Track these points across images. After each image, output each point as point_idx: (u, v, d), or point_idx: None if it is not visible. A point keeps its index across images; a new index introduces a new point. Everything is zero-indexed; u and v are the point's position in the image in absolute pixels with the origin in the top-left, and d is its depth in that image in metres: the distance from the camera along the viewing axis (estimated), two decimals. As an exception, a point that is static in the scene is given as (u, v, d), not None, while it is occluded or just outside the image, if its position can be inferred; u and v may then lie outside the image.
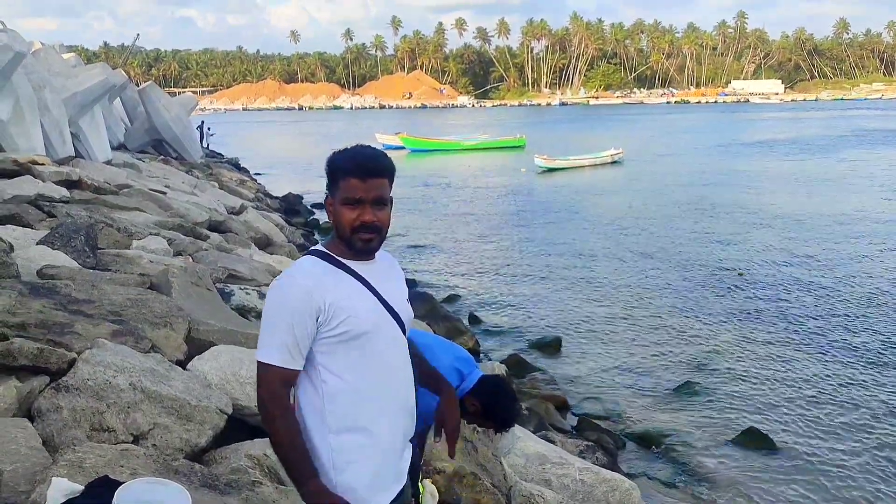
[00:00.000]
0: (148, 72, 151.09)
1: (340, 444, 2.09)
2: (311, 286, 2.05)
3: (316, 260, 2.14)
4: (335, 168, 2.13)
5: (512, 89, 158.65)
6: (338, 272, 2.11)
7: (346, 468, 2.08)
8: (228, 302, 6.24)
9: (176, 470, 2.97)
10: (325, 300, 2.04)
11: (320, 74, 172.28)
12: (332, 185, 2.14)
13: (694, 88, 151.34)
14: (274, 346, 2.04)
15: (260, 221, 13.63)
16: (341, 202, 2.11)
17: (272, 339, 2.04)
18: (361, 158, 2.12)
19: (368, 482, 2.11)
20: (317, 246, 2.22)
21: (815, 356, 9.30)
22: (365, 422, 2.11)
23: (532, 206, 22.47)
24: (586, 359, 9.45)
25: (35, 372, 3.50)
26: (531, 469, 5.21)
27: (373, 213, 2.10)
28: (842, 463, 6.68)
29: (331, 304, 2.05)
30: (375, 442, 2.13)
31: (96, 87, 16.04)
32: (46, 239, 6.31)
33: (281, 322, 2.04)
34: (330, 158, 2.16)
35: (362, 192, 2.08)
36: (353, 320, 2.08)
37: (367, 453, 2.11)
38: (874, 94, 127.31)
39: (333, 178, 2.14)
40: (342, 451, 2.09)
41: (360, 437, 2.10)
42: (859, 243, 15.79)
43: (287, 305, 2.04)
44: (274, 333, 2.04)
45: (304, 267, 2.14)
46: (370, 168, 2.10)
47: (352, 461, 2.09)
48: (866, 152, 36.16)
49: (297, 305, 2.03)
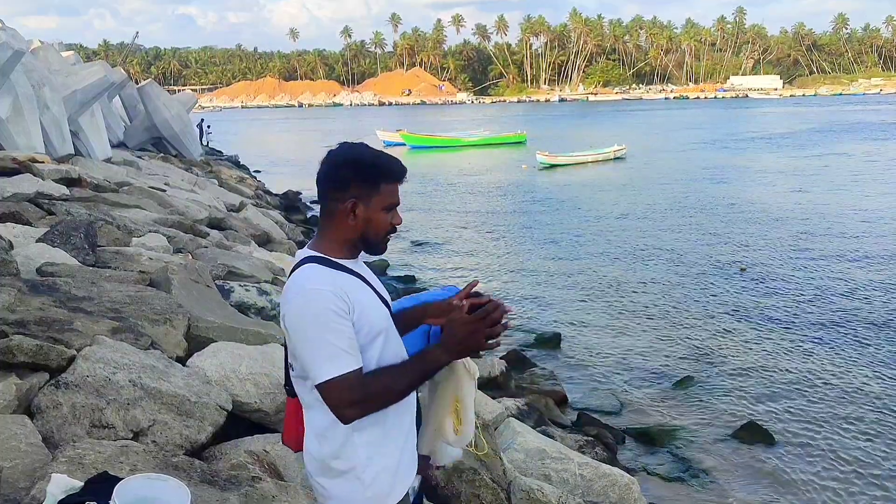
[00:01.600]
0: (147, 70, 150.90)
1: (365, 441, 2.08)
2: (332, 289, 2.00)
3: (319, 266, 2.08)
4: (375, 173, 2.09)
5: (511, 86, 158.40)
6: (342, 275, 2.08)
7: (371, 464, 2.08)
8: (228, 299, 6.24)
9: (176, 466, 2.98)
10: (349, 300, 2.01)
11: (320, 72, 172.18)
12: (370, 188, 2.08)
13: (692, 84, 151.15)
14: (334, 355, 1.97)
15: (259, 219, 13.64)
16: (384, 207, 2.10)
17: (328, 350, 1.97)
18: (395, 163, 2.13)
19: (392, 474, 2.12)
20: (307, 252, 2.14)
21: (814, 351, 9.31)
22: (387, 416, 2.10)
23: (533, 203, 22.46)
24: (586, 354, 9.46)
25: (34, 369, 3.51)
26: (531, 464, 5.22)
27: (399, 215, 2.17)
28: (842, 456, 6.69)
29: (356, 303, 2.02)
30: (397, 434, 2.15)
31: (96, 85, 16.03)
32: (46, 237, 6.32)
33: (327, 331, 1.96)
34: (360, 162, 2.10)
35: (399, 197, 2.14)
36: (373, 319, 2.07)
37: (386, 446, 2.12)
38: (873, 89, 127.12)
39: (370, 183, 2.08)
40: (367, 447, 2.09)
41: (381, 432, 2.11)
42: (861, 237, 15.80)
43: (323, 312, 1.97)
44: (327, 343, 1.97)
45: (316, 275, 2.05)
46: (404, 172, 2.14)
47: (373, 456, 2.09)
48: (866, 145, 36.13)
49: (330, 310, 1.97)
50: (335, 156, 2.13)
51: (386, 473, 2.11)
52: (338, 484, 2.09)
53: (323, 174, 2.13)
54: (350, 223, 2.10)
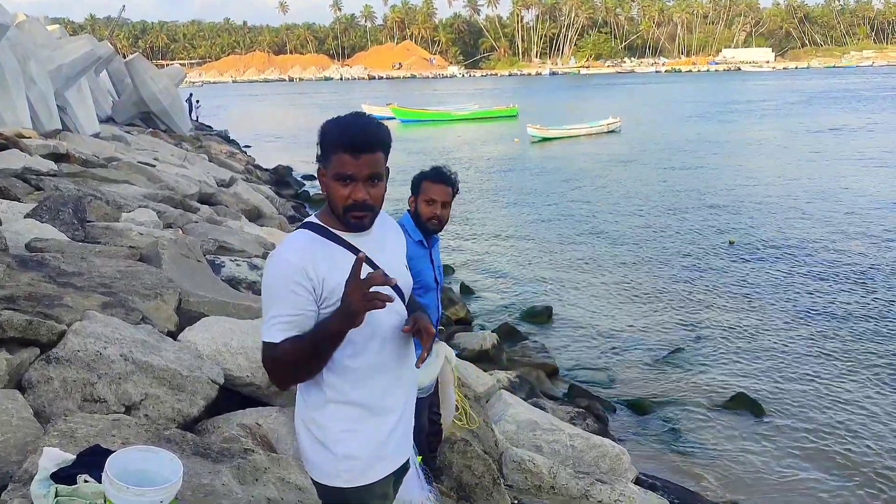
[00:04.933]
0: (135, 44, 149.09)
1: (340, 415, 2.07)
2: (299, 261, 1.98)
3: (309, 234, 2.06)
4: (327, 141, 2.02)
5: (502, 59, 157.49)
6: (331, 245, 2.04)
7: (345, 438, 2.07)
8: (219, 273, 6.23)
9: (168, 439, 2.98)
10: (317, 275, 1.97)
11: (310, 45, 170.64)
12: (324, 158, 2.04)
13: (684, 57, 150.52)
14: (275, 324, 1.98)
15: (250, 193, 13.58)
16: (333, 177, 2.01)
17: (272, 317, 1.99)
18: (354, 131, 1.99)
19: (370, 452, 2.09)
20: (310, 218, 2.14)
21: (804, 323, 9.38)
22: (364, 393, 2.08)
23: (524, 177, 22.42)
24: (577, 327, 9.50)
25: (25, 344, 3.50)
26: (522, 435, 5.26)
27: (365, 190, 2.00)
28: (831, 427, 6.77)
29: (325, 280, 1.98)
30: (376, 413, 2.11)
31: (82, 59, 15.86)
32: (34, 212, 6.28)
33: (276, 299, 1.98)
34: (322, 128, 2.05)
35: (354, 169, 1.98)
36: None
37: (367, 424, 2.09)
38: (865, 62, 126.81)
39: (325, 151, 2.03)
40: (341, 421, 2.07)
41: (359, 409, 2.08)
42: (851, 210, 15.84)
43: (279, 281, 1.98)
44: (272, 311, 1.99)
45: (293, 243, 2.06)
46: (363, 143, 1.99)
47: (351, 430, 2.07)
48: (858, 117, 36.09)
49: (288, 280, 1.96)
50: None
51: (362, 451, 2.08)
52: (315, 449, 2.10)
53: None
54: (323, 191, 2.08)
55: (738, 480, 5.98)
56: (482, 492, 4.05)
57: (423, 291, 3.33)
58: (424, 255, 3.42)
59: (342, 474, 2.07)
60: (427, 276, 3.39)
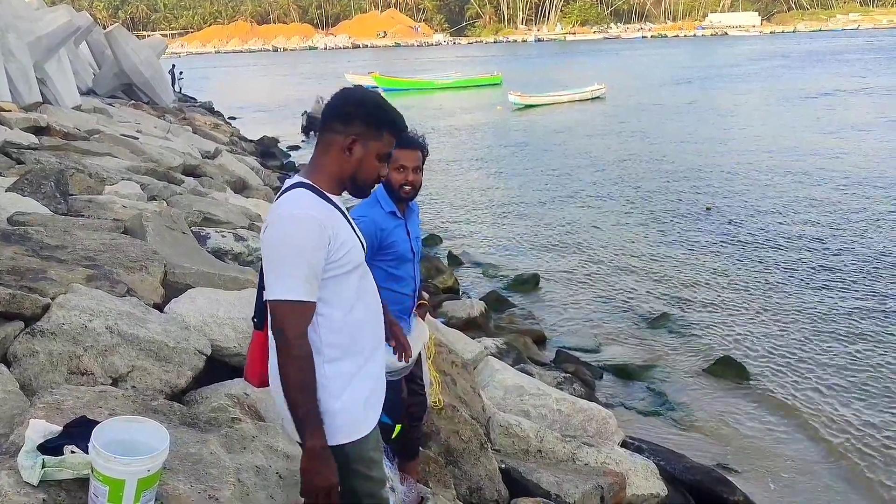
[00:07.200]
0: (114, 15, 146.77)
1: (336, 372, 2.13)
2: (322, 219, 2.04)
3: (308, 192, 2.12)
4: (388, 120, 2.18)
5: (488, 26, 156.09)
6: (328, 205, 2.12)
7: (341, 394, 2.13)
8: (205, 245, 6.20)
9: (155, 409, 2.99)
10: (333, 232, 2.06)
11: (293, 14, 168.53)
12: (373, 132, 2.14)
13: (671, 22, 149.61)
14: (300, 281, 2.01)
15: (235, 165, 13.48)
16: (379, 155, 2.17)
17: (296, 274, 2.01)
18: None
19: (363, 404, 2.19)
20: (299, 179, 2.17)
21: (785, 286, 9.46)
22: (360, 348, 2.18)
23: (507, 145, 22.35)
24: (564, 295, 9.55)
25: (9, 318, 3.48)
26: (509, 400, 5.31)
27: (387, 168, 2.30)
28: (815, 390, 6.86)
29: (336, 236, 2.06)
30: (369, 366, 2.21)
31: (61, 30, 15.62)
32: (16, 186, 6.21)
33: (300, 258, 2.01)
34: (381, 105, 2.18)
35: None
36: (354, 252, 2.13)
37: (360, 377, 2.18)
38: (851, 25, 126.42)
39: (378, 127, 2.15)
40: (338, 378, 2.13)
41: (354, 364, 2.17)
42: (829, 173, 15.90)
43: (305, 239, 2.02)
44: (298, 268, 2.01)
45: (309, 199, 2.10)
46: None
47: (347, 386, 2.15)
48: (846, 79, 36.06)
49: (313, 238, 2.02)
50: (349, 92, 2.19)
51: (356, 405, 2.17)
52: None
53: (331, 106, 2.17)
54: (345, 158, 2.14)
55: (724, 442, 6.06)
56: (470, 456, 4.09)
57: (398, 263, 3.24)
58: (398, 224, 3.26)
59: (342, 429, 2.13)
60: (401, 247, 3.26)
